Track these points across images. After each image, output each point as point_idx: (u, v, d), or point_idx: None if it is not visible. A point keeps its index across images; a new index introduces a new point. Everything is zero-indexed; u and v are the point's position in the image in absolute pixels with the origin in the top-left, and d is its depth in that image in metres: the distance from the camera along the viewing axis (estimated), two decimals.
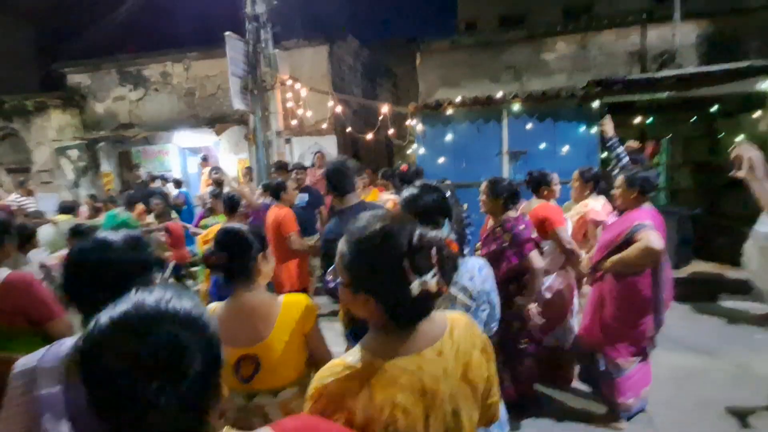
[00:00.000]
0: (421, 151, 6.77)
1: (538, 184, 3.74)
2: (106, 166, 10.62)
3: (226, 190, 5.42)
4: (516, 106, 6.33)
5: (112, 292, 1.12)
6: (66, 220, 5.57)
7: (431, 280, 0.97)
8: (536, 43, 8.90)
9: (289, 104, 7.72)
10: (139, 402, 0.62)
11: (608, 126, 4.57)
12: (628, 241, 2.87)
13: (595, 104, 5.96)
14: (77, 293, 1.18)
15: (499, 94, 6.44)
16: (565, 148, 6.22)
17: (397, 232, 1.01)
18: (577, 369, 3.53)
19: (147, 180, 8.63)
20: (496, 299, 1.88)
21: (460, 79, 9.13)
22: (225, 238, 1.63)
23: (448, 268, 1.01)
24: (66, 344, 1.18)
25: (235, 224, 1.70)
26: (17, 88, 11.91)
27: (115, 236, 1.23)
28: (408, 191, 1.77)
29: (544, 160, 5.98)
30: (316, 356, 1.64)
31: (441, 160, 6.62)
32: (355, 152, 10.16)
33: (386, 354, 1.02)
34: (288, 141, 8.93)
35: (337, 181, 2.63)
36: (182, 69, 10.26)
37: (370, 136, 7.56)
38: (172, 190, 8.04)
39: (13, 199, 7.43)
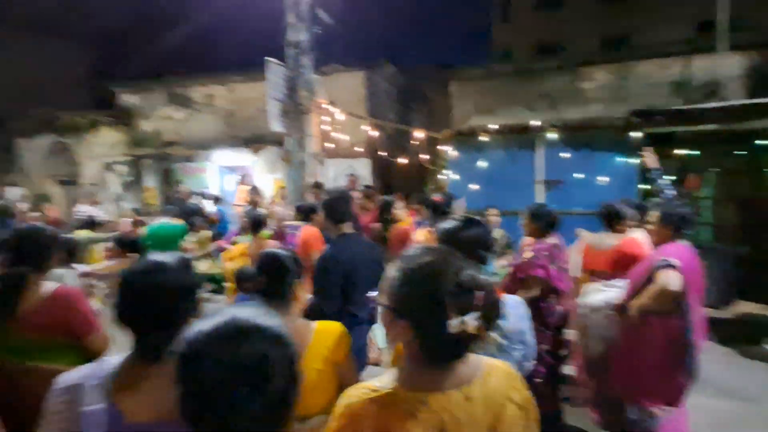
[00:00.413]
0: (454, 176, 6.77)
1: (613, 217, 3.61)
2: (150, 182, 11.09)
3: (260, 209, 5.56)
4: (551, 135, 6.28)
5: (166, 312, 1.18)
6: (86, 234, 5.72)
7: (472, 321, 0.97)
8: (573, 71, 8.86)
9: (325, 127, 7.90)
10: (230, 404, 0.70)
11: (650, 158, 4.46)
12: (650, 278, 2.76)
13: (636, 135, 5.84)
14: (131, 313, 1.20)
15: (535, 123, 6.41)
16: (603, 179, 6.09)
17: (447, 268, 1.02)
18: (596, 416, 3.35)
19: (185, 196, 8.94)
20: (531, 339, 1.83)
21: (494, 107, 9.15)
22: (265, 262, 1.67)
23: (491, 314, 1.01)
24: (110, 362, 1.21)
25: (276, 249, 1.73)
26: (73, 106, 12.68)
27: (170, 258, 1.26)
28: (449, 223, 1.76)
29: (581, 190, 5.88)
30: (347, 385, 1.63)
31: (473, 186, 6.60)
32: (387, 176, 10.25)
33: (412, 385, 1.03)
34: (322, 162, 9.10)
35: (336, 210, 2.74)
36: (225, 91, 10.71)
37: (403, 160, 7.63)
38: (209, 207, 8.30)
39: (82, 210, 7.84)
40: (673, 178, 5.58)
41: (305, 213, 4.49)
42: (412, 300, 1.02)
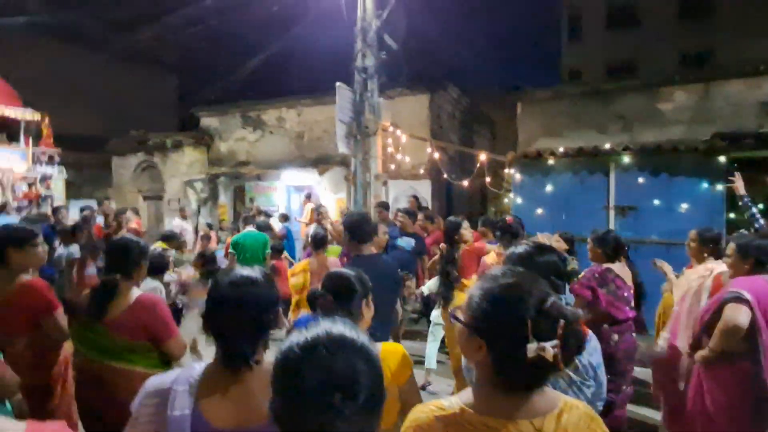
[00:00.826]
0: (518, 200, 6.61)
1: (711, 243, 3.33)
2: (223, 199, 11.81)
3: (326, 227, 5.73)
4: (626, 159, 5.97)
5: (253, 323, 1.25)
6: (161, 246, 6.11)
7: (550, 349, 0.94)
8: (650, 92, 8.40)
9: (389, 149, 8.05)
10: (324, 410, 0.76)
11: (739, 183, 4.11)
12: (719, 311, 2.51)
13: (721, 159, 5.42)
14: (220, 322, 1.26)
15: (607, 146, 6.14)
16: (684, 206, 5.67)
17: (531, 291, 1.01)
18: None
19: (253, 213, 9.41)
20: (603, 377, 1.73)
21: (562, 129, 8.86)
22: (332, 282, 1.72)
23: (571, 345, 0.98)
24: (196, 369, 1.27)
25: (343, 269, 1.78)
26: (160, 128, 13.90)
27: (256, 272, 1.33)
28: (521, 248, 1.72)
29: (658, 218, 5.51)
30: (409, 407, 1.62)
31: (539, 211, 6.40)
32: (449, 198, 10.20)
33: (480, 408, 1.01)
34: (385, 183, 9.25)
35: (357, 231, 2.87)
36: (295, 114, 11.26)
37: (465, 183, 7.57)
38: (276, 224, 8.67)
39: (178, 223, 8.57)
40: (761, 206, 5.09)
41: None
42: (491, 318, 1.01)
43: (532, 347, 0.94)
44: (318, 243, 4.13)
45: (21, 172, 10.16)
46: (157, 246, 6.31)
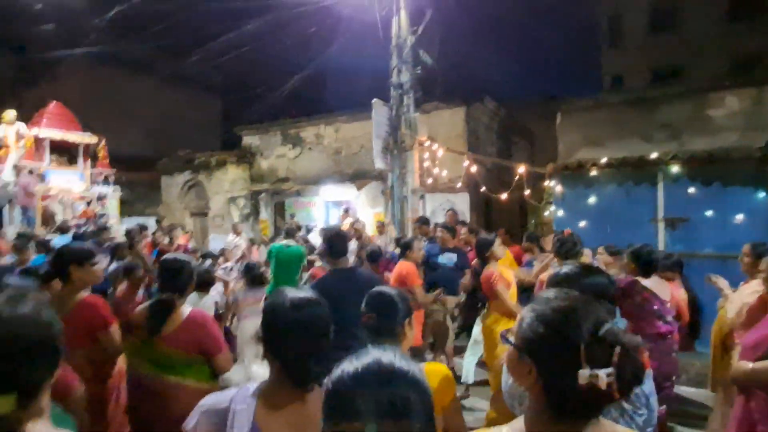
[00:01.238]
0: (560, 213, 6.45)
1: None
2: (264, 214, 12.14)
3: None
4: (674, 168, 5.73)
5: (312, 344, 1.28)
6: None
7: (604, 377, 0.90)
8: (698, 98, 8.03)
9: (426, 163, 8.07)
10: None
11: None
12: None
13: None
14: (280, 343, 1.29)
15: (654, 155, 5.91)
16: (739, 217, 5.37)
17: (586, 315, 0.98)
18: None
19: (293, 228, 9.60)
20: (655, 404, 1.65)
21: (604, 139, 8.60)
22: (374, 300, 1.73)
23: (627, 374, 0.92)
24: (251, 389, 1.31)
25: (385, 287, 1.79)
26: (205, 147, 14.51)
27: (312, 294, 1.37)
28: (567, 268, 1.68)
29: (711, 230, 5.24)
30: (452, 429, 1.61)
31: (582, 224, 6.21)
32: (487, 211, 10.08)
33: None
34: (422, 197, 9.25)
35: (334, 246, 3.10)
36: (333, 130, 11.49)
37: (504, 196, 7.47)
38: (314, 240, 8.81)
39: (231, 240, 8.89)
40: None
41: (402, 248, 4.65)
42: (543, 341, 0.99)
43: (584, 374, 0.90)
44: (372, 258, 4.23)
45: (79, 192, 10.85)
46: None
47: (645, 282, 3.26)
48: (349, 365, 0.84)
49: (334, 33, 9.02)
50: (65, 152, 11.25)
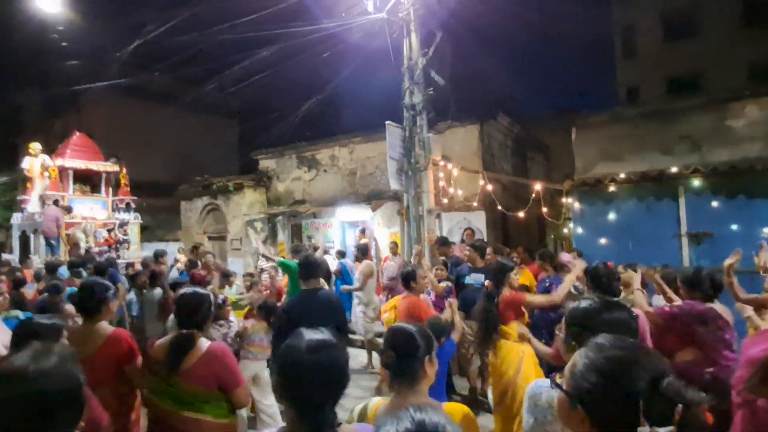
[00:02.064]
0: (579, 230, 6.34)
1: None
2: (282, 237, 12.22)
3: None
4: (696, 182, 5.61)
5: (332, 389, 1.22)
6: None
7: None
8: (718, 108, 7.87)
9: (441, 183, 8.05)
10: None
11: None
12: None
13: None
14: (298, 390, 1.23)
15: (674, 168, 5.80)
16: (766, 230, 5.20)
17: (645, 367, 0.93)
18: None
19: (301, 246, 9.60)
20: None
21: (622, 153, 8.47)
22: (394, 338, 1.67)
23: None
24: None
25: (406, 325, 1.70)
26: (223, 172, 14.76)
27: (325, 334, 1.30)
28: (586, 302, 1.61)
29: (738, 244, 5.02)
30: None
31: (602, 240, 6.09)
32: (504, 229, 9.96)
33: None
34: (438, 216, 9.21)
35: (307, 268, 3.41)
36: (347, 152, 11.59)
37: (521, 214, 7.39)
38: (331, 261, 8.81)
39: (261, 264, 8.83)
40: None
41: (404, 279, 4.03)
42: (597, 392, 0.94)
43: (642, 430, 0.87)
44: (407, 279, 4.01)
45: (102, 219, 11.11)
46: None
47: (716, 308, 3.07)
48: (391, 427, 0.82)
49: (347, 58, 9.18)
50: (88, 181, 11.58)
